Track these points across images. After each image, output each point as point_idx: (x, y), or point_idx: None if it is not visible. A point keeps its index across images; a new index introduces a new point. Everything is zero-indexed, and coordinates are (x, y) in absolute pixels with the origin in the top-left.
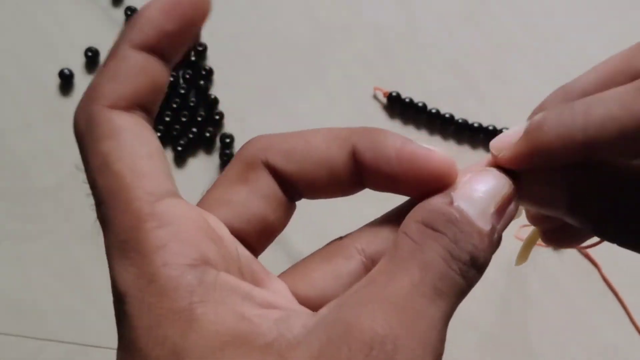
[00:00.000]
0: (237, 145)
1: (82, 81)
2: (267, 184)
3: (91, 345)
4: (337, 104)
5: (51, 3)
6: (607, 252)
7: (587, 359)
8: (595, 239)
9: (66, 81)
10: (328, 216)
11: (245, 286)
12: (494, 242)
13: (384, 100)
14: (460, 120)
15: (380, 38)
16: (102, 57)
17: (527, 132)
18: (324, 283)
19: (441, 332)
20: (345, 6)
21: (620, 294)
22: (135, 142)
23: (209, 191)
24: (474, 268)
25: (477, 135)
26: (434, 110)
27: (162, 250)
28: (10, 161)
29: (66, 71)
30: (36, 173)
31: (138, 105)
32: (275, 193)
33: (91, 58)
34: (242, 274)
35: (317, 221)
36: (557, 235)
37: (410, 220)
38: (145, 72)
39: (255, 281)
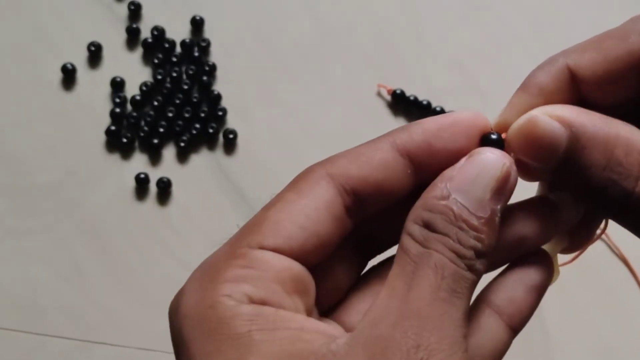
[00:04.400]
0: (240, 142)
1: (84, 76)
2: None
3: (91, 341)
4: (340, 100)
5: None
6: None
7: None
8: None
9: (69, 76)
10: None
11: (300, 317)
12: (495, 224)
13: (388, 97)
14: None
15: (384, 35)
16: (105, 51)
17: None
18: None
19: (463, 327)
20: (349, 3)
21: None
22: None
23: (275, 209)
24: (479, 259)
25: None
26: (438, 109)
27: (232, 284)
28: (12, 157)
29: (69, 66)
30: (37, 169)
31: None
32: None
33: (94, 53)
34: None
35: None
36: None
37: (412, 222)
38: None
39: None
